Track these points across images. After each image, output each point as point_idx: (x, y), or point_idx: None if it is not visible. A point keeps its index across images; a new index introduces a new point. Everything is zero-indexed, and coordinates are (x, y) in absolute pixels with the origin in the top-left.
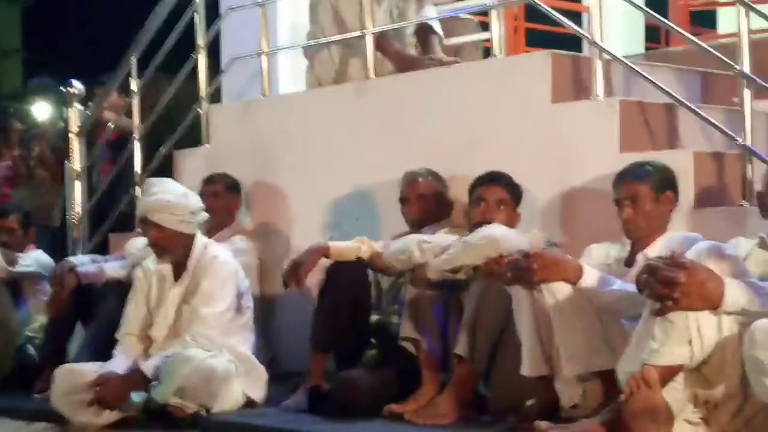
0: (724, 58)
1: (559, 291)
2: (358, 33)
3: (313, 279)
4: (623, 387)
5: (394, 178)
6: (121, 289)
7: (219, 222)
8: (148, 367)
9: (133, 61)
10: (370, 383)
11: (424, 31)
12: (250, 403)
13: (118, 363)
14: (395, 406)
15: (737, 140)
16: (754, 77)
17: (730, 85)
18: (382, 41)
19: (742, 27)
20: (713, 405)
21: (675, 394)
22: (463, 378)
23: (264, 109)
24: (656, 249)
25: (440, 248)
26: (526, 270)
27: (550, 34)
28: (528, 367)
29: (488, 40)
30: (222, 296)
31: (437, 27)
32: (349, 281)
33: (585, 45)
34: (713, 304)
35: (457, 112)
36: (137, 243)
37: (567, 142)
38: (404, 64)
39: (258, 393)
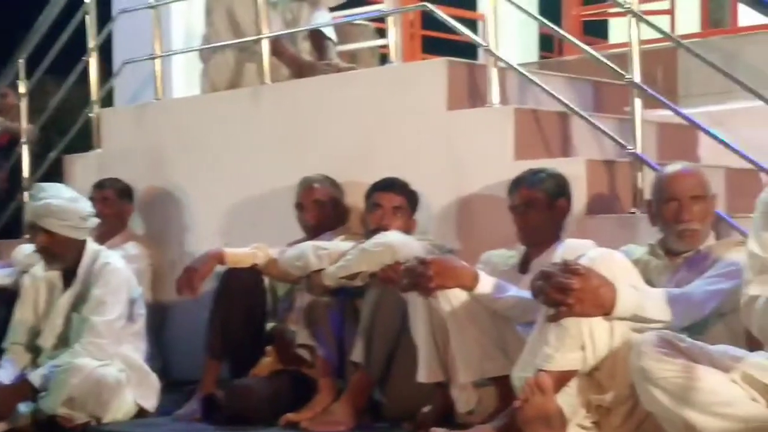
0: (616, 68)
1: (454, 298)
2: (253, 37)
3: (208, 285)
4: (518, 393)
5: (290, 184)
6: (7, 296)
7: (110, 228)
8: (35, 377)
9: (21, 62)
10: (265, 391)
11: (318, 37)
12: (142, 413)
13: (5, 373)
14: (291, 414)
15: (628, 148)
16: (645, 87)
17: (621, 94)
18: (277, 46)
19: (633, 37)
20: (605, 409)
21: (568, 399)
22: (359, 385)
23: (158, 113)
24: (550, 255)
25: (337, 255)
26: (422, 277)
27: (447, 42)
28: (424, 374)
29: (385, 47)
30: (113, 304)
31: (330, 33)
32: (244, 288)
33: (481, 53)
34: (606, 310)
35: (353, 118)
36: (25, 249)
37: (463, 149)
38: (300, 70)
39: (150, 402)
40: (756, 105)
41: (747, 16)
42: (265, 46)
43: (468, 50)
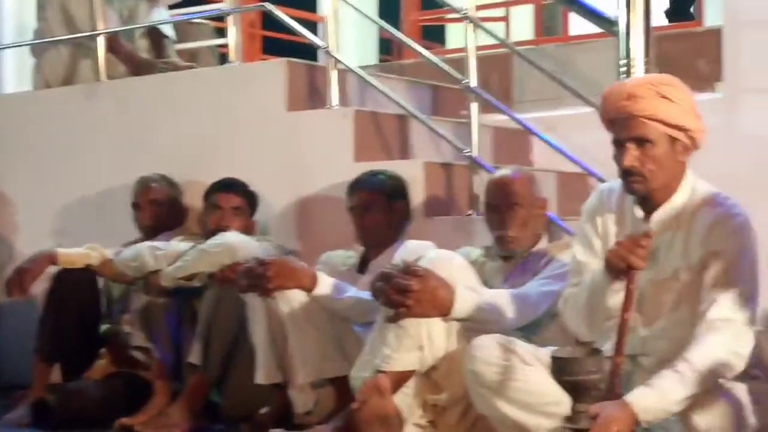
0: (453, 73)
1: (293, 299)
2: (88, 33)
3: (40, 287)
4: (356, 393)
5: (126, 184)
6: None
7: None
8: None
9: None
10: (98, 394)
11: (156, 34)
12: None
13: None
14: (126, 418)
15: (465, 152)
16: (481, 92)
17: (458, 99)
18: (113, 43)
19: (470, 43)
20: (441, 408)
21: (405, 399)
22: (196, 387)
23: None
24: (389, 257)
25: (174, 255)
26: (260, 277)
27: (287, 43)
28: (262, 375)
29: (224, 46)
30: None
31: (169, 30)
32: (77, 289)
33: (321, 54)
34: (444, 311)
35: (192, 118)
36: None
37: (303, 151)
38: (137, 67)
39: None
40: (586, 111)
41: (578, 25)
42: (101, 43)
43: (309, 52)
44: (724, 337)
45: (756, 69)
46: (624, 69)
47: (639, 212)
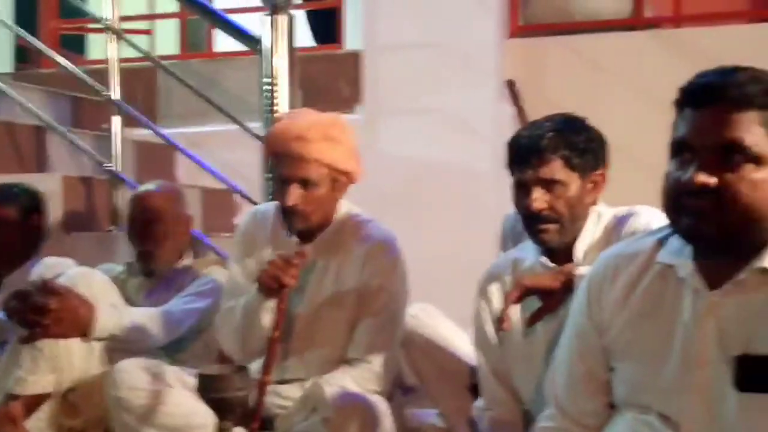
0: (95, 84)
1: None
2: None
3: None
4: None
5: None
6: None
7: None
8: None
9: None
10: None
11: None
12: None
13: None
14: None
15: (106, 166)
16: (124, 105)
17: (101, 111)
18: None
19: (112, 54)
20: None
21: (39, 424)
22: None
23: None
24: (24, 275)
25: None
26: None
27: None
28: None
29: None
30: None
31: None
32: None
33: None
34: (84, 331)
35: None
36: None
37: None
38: None
39: None
40: (231, 128)
41: (224, 42)
42: None
43: None
44: (357, 373)
45: (393, 91)
46: (268, 88)
47: (294, 239)
